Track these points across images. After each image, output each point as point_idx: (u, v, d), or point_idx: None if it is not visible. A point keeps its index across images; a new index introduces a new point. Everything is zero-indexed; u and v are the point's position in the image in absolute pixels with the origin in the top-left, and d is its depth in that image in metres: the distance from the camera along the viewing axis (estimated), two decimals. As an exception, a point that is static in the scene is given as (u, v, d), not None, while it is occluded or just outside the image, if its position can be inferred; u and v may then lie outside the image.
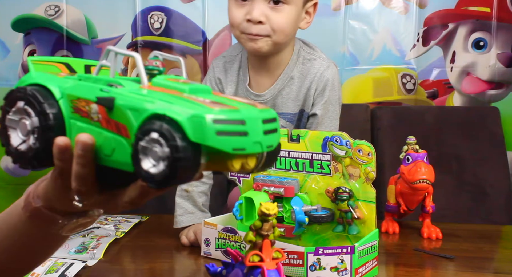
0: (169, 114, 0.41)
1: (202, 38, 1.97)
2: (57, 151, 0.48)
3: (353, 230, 0.91)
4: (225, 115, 0.41)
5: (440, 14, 1.89)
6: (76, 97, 0.47)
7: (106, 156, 0.46)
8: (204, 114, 0.41)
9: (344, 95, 1.95)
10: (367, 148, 0.88)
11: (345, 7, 1.91)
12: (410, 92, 1.92)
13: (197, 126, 0.40)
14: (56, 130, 0.48)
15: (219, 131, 0.41)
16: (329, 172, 0.91)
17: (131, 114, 0.43)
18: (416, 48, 1.91)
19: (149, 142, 0.41)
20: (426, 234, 1.07)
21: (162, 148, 0.41)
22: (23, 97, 0.48)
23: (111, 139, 0.45)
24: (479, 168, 1.72)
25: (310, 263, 0.79)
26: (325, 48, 1.92)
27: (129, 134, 0.44)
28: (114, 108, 0.44)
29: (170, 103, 0.42)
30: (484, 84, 1.88)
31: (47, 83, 0.49)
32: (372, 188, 0.89)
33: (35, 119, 0.48)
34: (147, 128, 0.42)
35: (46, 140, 0.48)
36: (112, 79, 0.48)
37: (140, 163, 0.42)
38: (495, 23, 1.86)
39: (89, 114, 0.47)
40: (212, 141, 0.40)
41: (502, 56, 1.86)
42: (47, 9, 2.01)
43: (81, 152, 0.46)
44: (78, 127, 0.48)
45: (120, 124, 0.44)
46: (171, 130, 0.40)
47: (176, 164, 0.40)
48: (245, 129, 0.42)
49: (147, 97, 0.44)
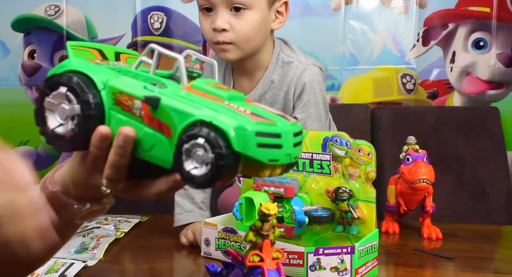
0: (215, 123, 0.44)
1: (202, 38, 1.97)
2: (98, 139, 0.50)
3: (353, 230, 0.91)
4: (265, 128, 0.45)
5: (440, 14, 1.89)
6: (119, 90, 0.50)
7: (144, 151, 0.49)
8: (247, 126, 0.44)
9: (344, 95, 1.95)
10: (367, 148, 0.88)
11: (345, 7, 1.91)
12: (410, 92, 1.92)
13: (241, 137, 0.44)
14: (96, 120, 0.50)
15: (260, 143, 0.44)
16: (329, 172, 0.91)
17: (175, 116, 0.46)
18: (416, 48, 1.91)
19: (194, 145, 0.45)
20: (426, 234, 1.07)
21: (207, 154, 0.44)
22: (66, 83, 0.51)
23: (152, 136, 0.48)
24: (479, 168, 1.72)
25: (310, 263, 0.79)
26: (325, 48, 1.93)
27: (171, 134, 0.47)
28: (159, 108, 0.47)
29: (216, 111, 0.45)
30: (484, 84, 1.88)
31: (90, 73, 0.51)
32: (372, 188, 0.89)
33: (76, 107, 0.50)
34: (194, 133, 0.45)
35: (85, 127, 0.50)
36: (155, 78, 0.50)
37: (183, 163, 0.45)
38: (495, 23, 1.86)
39: (131, 108, 0.49)
40: (253, 151, 0.44)
41: (502, 56, 1.86)
42: (47, 9, 2.01)
43: (121, 144, 0.49)
44: (118, 119, 0.50)
45: (163, 123, 0.47)
46: (217, 138, 0.44)
47: (219, 170, 0.44)
48: (281, 142, 0.46)
49: (192, 102, 0.46)
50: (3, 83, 2.04)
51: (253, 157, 0.44)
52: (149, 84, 0.49)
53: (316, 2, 1.92)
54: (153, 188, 0.52)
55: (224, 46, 1.12)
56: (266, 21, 1.15)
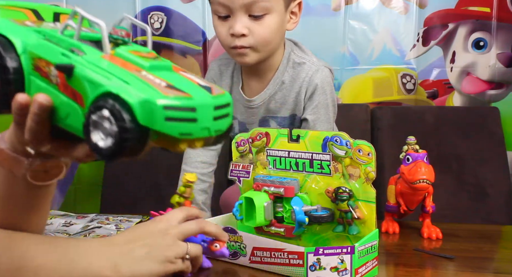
0: (122, 95, 0.43)
1: (202, 38, 1.97)
2: (17, 107, 0.51)
3: (353, 230, 0.91)
4: (177, 102, 0.43)
5: (440, 14, 1.90)
6: (38, 56, 0.49)
7: (60, 119, 0.49)
8: (155, 99, 0.42)
9: (344, 95, 1.95)
10: (367, 148, 0.88)
11: (345, 7, 1.91)
12: (410, 92, 1.92)
13: (146, 110, 0.42)
14: (15, 84, 0.50)
15: (168, 117, 0.43)
16: (329, 172, 0.91)
17: (88, 85, 0.45)
18: (416, 48, 1.91)
19: (100, 117, 0.44)
20: (426, 234, 1.07)
21: (111, 126, 0.43)
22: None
23: (67, 104, 0.48)
24: (479, 168, 1.72)
25: (310, 263, 0.79)
26: (325, 48, 1.93)
27: (84, 104, 0.46)
28: (73, 76, 0.46)
29: (126, 82, 0.44)
30: (484, 84, 1.89)
31: (10, 35, 0.50)
32: (372, 188, 0.89)
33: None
34: (100, 104, 0.44)
35: (4, 92, 0.50)
36: (75, 44, 0.49)
37: (90, 134, 0.45)
38: (495, 23, 1.86)
39: (49, 75, 0.48)
40: (160, 126, 0.43)
41: (502, 56, 1.86)
42: (47, 9, 2.01)
43: (37, 111, 0.49)
44: (37, 86, 0.50)
45: (76, 92, 0.46)
46: (121, 111, 0.42)
47: (123, 144, 0.43)
48: (195, 115, 0.44)
49: (105, 72, 0.45)
50: (3, 83, 2.04)
51: (161, 131, 0.43)
52: (68, 50, 0.48)
53: (316, 2, 1.92)
54: (74, 152, 0.53)
55: (242, 51, 1.12)
56: (283, 23, 1.15)
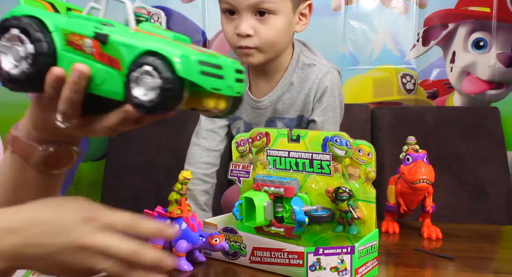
0: (161, 51, 0.48)
1: (202, 38, 1.97)
2: (52, 80, 0.53)
3: (353, 230, 0.91)
4: (208, 58, 0.49)
5: (440, 14, 1.90)
6: (70, 31, 0.53)
7: (96, 86, 0.52)
8: (191, 55, 0.48)
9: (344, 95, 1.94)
10: (367, 148, 0.88)
11: (345, 7, 1.91)
12: (410, 92, 1.92)
13: (184, 64, 0.47)
14: (48, 58, 0.53)
15: (203, 71, 0.48)
16: (329, 172, 0.91)
17: (124, 49, 0.50)
18: (416, 48, 1.91)
19: (142, 73, 0.48)
20: (426, 234, 1.07)
21: (154, 79, 0.47)
22: (18, 25, 0.53)
23: (103, 71, 0.51)
24: (479, 168, 1.72)
25: (310, 263, 0.79)
26: (325, 48, 1.93)
27: (121, 67, 0.50)
28: (108, 44, 0.51)
29: (160, 42, 0.49)
30: (484, 84, 1.89)
31: (41, 16, 0.54)
32: (372, 188, 0.89)
33: (30, 46, 0.53)
34: (141, 61, 0.48)
35: (39, 66, 0.53)
36: (103, 20, 0.54)
37: (132, 90, 0.49)
38: (495, 23, 1.86)
39: (82, 47, 0.52)
40: (197, 78, 0.48)
41: (502, 56, 1.86)
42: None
43: (76, 79, 0.52)
44: (71, 59, 0.53)
45: (112, 57, 0.51)
46: (163, 64, 0.47)
47: (166, 94, 0.47)
48: (222, 73, 0.50)
49: (138, 37, 0.51)
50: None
51: (197, 83, 0.48)
52: (99, 24, 0.53)
53: (316, 2, 1.90)
54: (104, 121, 0.54)
55: (247, 51, 1.11)
56: (290, 25, 1.14)
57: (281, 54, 1.18)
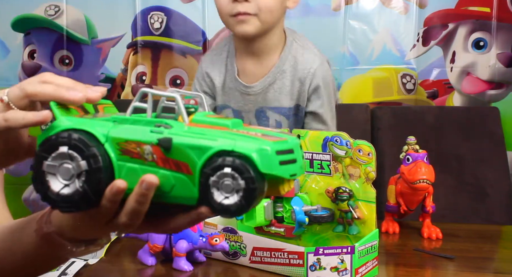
0: (237, 150, 0.45)
1: (202, 38, 1.97)
2: (114, 193, 0.49)
3: (353, 230, 0.91)
4: (282, 146, 0.47)
5: (440, 14, 1.89)
6: (124, 140, 0.49)
7: (164, 193, 0.49)
8: (267, 147, 0.46)
9: (344, 95, 1.95)
10: (367, 148, 0.88)
11: (345, 7, 1.91)
12: (410, 92, 1.92)
13: (264, 158, 0.45)
14: (105, 172, 0.49)
15: (281, 161, 0.46)
16: (329, 172, 0.91)
17: (192, 152, 0.47)
18: (416, 48, 1.91)
19: (220, 176, 0.46)
20: (426, 234, 1.07)
21: (237, 181, 0.45)
22: (66, 142, 0.49)
23: (170, 177, 0.48)
24: (479, 168, 1.72)
25: (310, 263, 0.79)
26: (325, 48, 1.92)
27: (191, 170, 0.47)
28: (172, 148, 0.47)
29: (231, 139, 0.46)
30: (484, 84, 1.89)
31: (88, 128, 0.50)
32: (372, 188, 0.89)
33: (82, 163, 0.49)
34: (218, 164, 0.46)
35: (95, 182, 0.49)
36: (157, 120, 0.50)
37: (213, 196, 0.46)
38: (495, 23, 1.86)
39: (142, 155, 0.49)
40: (277, 170, 0.46)
41: (502, 56, 1.86)
42: (47, 9, 2.01)
43: (145, 191, 0.48)
44: (129, 169, 0.49)
45: (180, 162, 0.47)
46: (244, 164, 0.45)
47: (252, 194, 0.45)
48: (295, 156, 0.48)
49: (204, 135, 0.47)
50: (3, 83, 2.03)
51: (278, 175, 0.46)
52: (154, 126, 0.49)
53: (316, 2, 1.92)
54: (171, 224, 0.52)
55: (244, 17, 1.10)
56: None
57: (272, 33, 1.17)
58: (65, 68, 2.03)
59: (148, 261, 0.89)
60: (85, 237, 0.56)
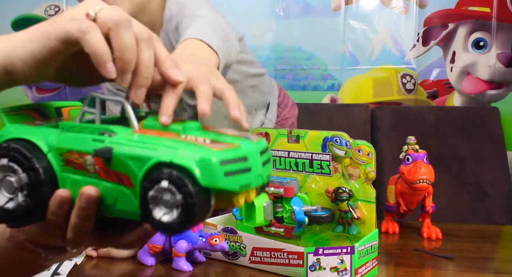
0: (176, 161, 0.41)
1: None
2: (57, 204, 0.46)
3: (353, 230, 0.91)
4: (229, 154, 0.41)
5: (440, 14, 1.90)
6: (66, 149, 0.46)
7: (108, 207, 0.45)
8: (210, 157, 0.40)
9: (344, 95, 1.96)
10: (367, 148, 0.88)
11: (345, 7, 1.91)
12: (410, 92, 1.92)
13: (206, 170, 0.40)
14: (47, 185, 0.46)
15: (227, 171, 0.41)
16: (329, 172, 0.91)
17: (133, 163, 0.43)
18: (416, 48, 1.91)
19: (158, 191, 0.41)
20: (426, 234, 1.07)
21: (175, 196, 0.41)
22: (6, 153, 0.46)
23: (113, 189, 0.44)
24: (479, 168, 1.72)
25: (310, 263, 0.79)
26: (325, 48, 1.93)
27: (133, 183, 0.43)
28: (113, 158, 0.43)
29: (173, 148, 0.42)
30: (484, 84, 1.89)
31: (31, 137, 0.47)
32: (372, 188, 0.89)
33: (23, 176, 0.46)
34: (155, 177, 0.41)
35: (37, 195, 0.46)
36: (101, 127, 0.46)
37: (151, 212, 0.42)
38: (495, 23, 1.86)
39: (84, 166, 0.45)
40: (222, 182, 0.41)
41: (502, 56, 1.86)
42: (47, 9, 2.01)
43: (84, 205, 0.45)
44: (73, 180, 0.46)
45: (121, 173, 0.43)
46: (181, 177, 0.40)
47: (191, 210, 0.40)
48: (248, 165, 0.42)
49: (146, 144, 0.43)
50: (3, 83, 2.04)
51: (224, 188, 0.41)
52: (97, 135, 0.45)
53: (316, 2, 1.92)
54: (122, 239, 0.49)
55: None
56: None
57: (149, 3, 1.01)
58: (65, 68, 2.03)
59: (147, 261, 0.88)
60: (57, 244, 0.53)
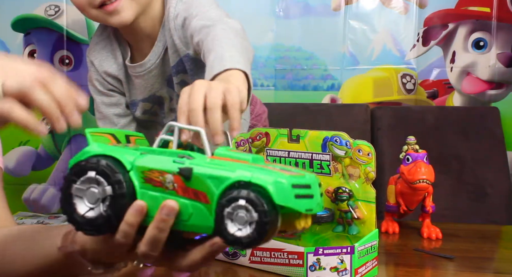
0: (254, 181, 0.47)
1: (202, 38, 1.97)
2: (134, 214, 0.50)
3: (353, 230, 0.91)
4: (298, 180, 0.48)
5: (440, 14, 1.89)
6: (148, 168, 0.51)
7: (182, 221, 0.50)
8: (283, 180, 0.47)
9: (344, 95, 1.95)
10: (367, 148, 0.88)
11: (345, 7, 1.91)
12: (410, 92, 1.92)
13: (280, 191, 0.46)
14: (128, 198, 0.51)
15: (297, 194, 0.47)
16: (329, 172, 0.91)
17: (211, 182, 0.48)
18: (416, 48, 1.91)
19: (235, 208, 0.47)
20: (426, 234, 1.07)
21: (250, 214, 0.46)
22: (95, 167, 0.51)
23: (189, 205, 0.50)
24: (479, 168, 1.72)
25: (310, 263, 0.79)
26: (325, 48, 1.93)
27: (209, 200, 0.49)
28: (192, 177, 0.49)
29: (249, 171, 0.48)
30: (484, 84, 1.88)
31: (116, 155, 0.52)
32: (372, 188, 0.89)
33: (108, 188, 0.51)
34: (233, 196, 0.47)
35: (119, 207, 0.51)
36: (181, 151, 0.52)
37: (226, 227, 0.47)
38: (495, 23, 1.86)
39: (163, 183, 0.50)
40: (292, 203, 0.47)
41: (502, 56, 1.86)
42: (47, 9, 2.01)
43: (165, 217, 0.49)
44: (151, 196, 0.51)
45: (198, 191, 0.49)
46: (258, 197, 0.46)
47: (264, 227, 0.46)
48: (311, 192, 0.49)
49: (224, 167, 0.49)
50: (3, 83, 2.04)
51: (293, 208, 0.47)
52: (177, 157, 0.51)
53: (316, 2, 1.92)
54: (186, 258, 0.52)
55: (113, 7, 0.96)
56: None
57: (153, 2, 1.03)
58: (65, 68, 2.03)
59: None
60: (106, 260, 0.57)
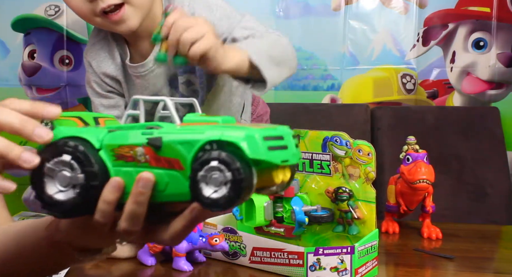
0: (224, 138, 0.45)
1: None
2: (111, 190, 0.49)
3: (353, 230, 0.91)
4: (269, 132, 0.47)
5: (440, 14, 1.89)
6: (117, 145, 0.50)
7: (159, 192, 0.49)
8: (254, 133, 0.45)
9: (344, 95, 1.95)
10: (367, 148, 0.88)
11: (345, 7, 1.91)
12: (410, 92, 1.92)
13: (251, 145, 0.45)
14: (100, 180, 0.50)
15: (270, 146, 0.46)
16: (329, 172, 0.91)
17: (182, 147, 0.47)
18: (416, 48, 1.91)
19: (207, 170, 0.46)
20: (426, 234, 1.07)
21: (224, 174, 0.45)
22: (71, 152, 0.50)
23: (164, 175, 0.49)
24: (479, 168, 1.72)
25: (310, 263, 0.79)
26: (325, 48, 1.93)
27: (183, 166, 0.48)
28: (162, 146, 0.48)
29: (218, 130, 0.46)
30: (484, 84, 1.88)
31: (83, 135, 0.51)
32: (372, 188, 0.89)
33: (81, 176, 0.50)
34: (205, 158, 0.46)
35: (87, 196, 0.50)
36: (147, 123, 0.51)
37: (201, 191, 0.46)
38: (495, 23, 1.86)
39: (135, 157, 0.50)
40: (266, 155, 0.46)
41: (502, 56, 1.86)
42: (47, 9, 2.01)
43: (142, 190, 0.48)
44: (125, 172, 0.50)
45: (171, 159, 0.48)
46: (230, 155, 0.45)
47: (240, 185, 0.45)
48: (285, 143, 0.48)
49: (193, 130, 0.48)
50: (3, 83, 2.04)
51: (268, 161, 0.46)
52: (145, 129, 0.50)
53: (316, 2, 1.92)
54: (168, 231, 0.51)
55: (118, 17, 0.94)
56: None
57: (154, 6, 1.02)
58: (65, 68, 2.03)
59: (147, 261, 0.88)
60: (92, 246, 0.57)
